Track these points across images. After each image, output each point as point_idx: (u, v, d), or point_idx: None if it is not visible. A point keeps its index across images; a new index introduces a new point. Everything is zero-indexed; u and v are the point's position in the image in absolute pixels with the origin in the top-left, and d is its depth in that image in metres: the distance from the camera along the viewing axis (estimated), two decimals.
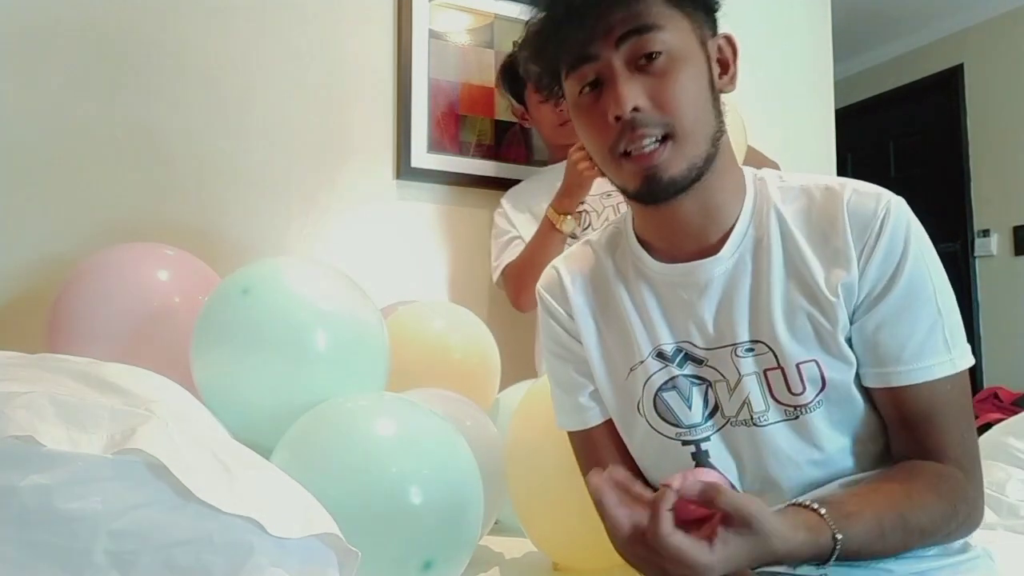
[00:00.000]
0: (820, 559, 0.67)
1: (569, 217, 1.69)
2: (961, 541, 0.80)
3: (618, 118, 0.74)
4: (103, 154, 1.64)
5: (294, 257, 1.62)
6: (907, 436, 0.77)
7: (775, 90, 2.16)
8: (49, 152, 1.60)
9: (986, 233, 3.69)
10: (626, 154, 0.76)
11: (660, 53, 0.74)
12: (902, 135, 4.16)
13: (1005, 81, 3.64)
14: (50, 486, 0.59)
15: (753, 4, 2.23)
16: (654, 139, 0.74)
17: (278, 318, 1.11)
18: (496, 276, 1.80)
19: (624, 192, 0.82)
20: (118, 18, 1.66)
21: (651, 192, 0.77)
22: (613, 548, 0.71)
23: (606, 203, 1.72)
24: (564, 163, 1.79)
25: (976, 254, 3.69)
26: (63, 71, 1.61)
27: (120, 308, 1.31)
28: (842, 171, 2.62)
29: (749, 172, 0.85)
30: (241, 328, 1.12)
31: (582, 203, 1.73)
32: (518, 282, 1.74)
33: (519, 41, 1.77)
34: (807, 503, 0.68)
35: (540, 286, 0.95)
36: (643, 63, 0.75)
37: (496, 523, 1.27)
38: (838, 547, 0.66)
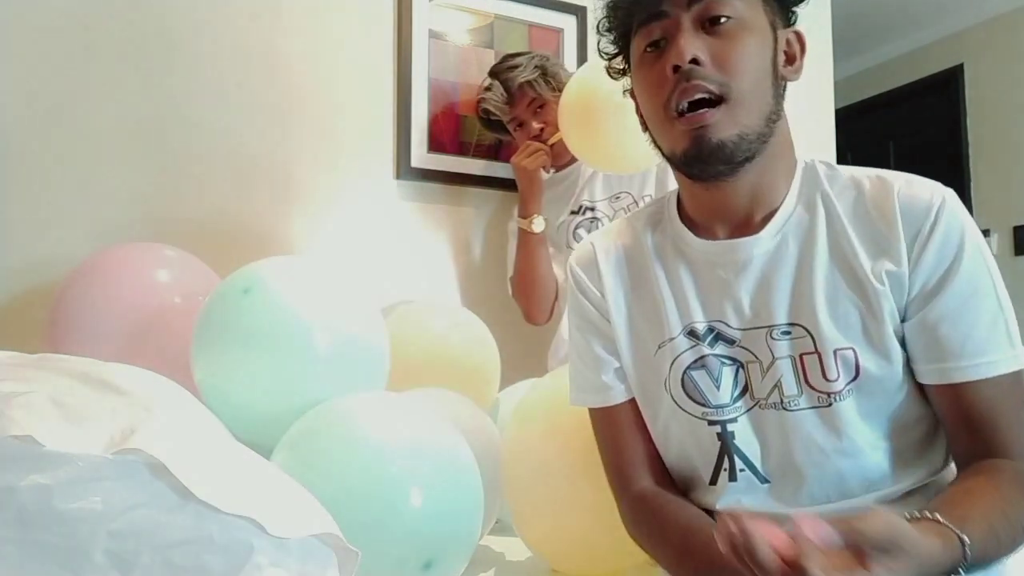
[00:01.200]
0: (953, 567, 0.64)
1: (537, 217, 1.73)
2: None
3: (676, 68, 0.75)
4: (103, 155, 1.64)
5: (294, 257, 1.62)
6: (970, 434, 0.75)
7: None
8: (49, 152, 1.60)
9: (986, 233, 3.67)
10: (679, 115, 0.76)
11: (729, 18, 0.75)
12: (902, 135, 4.15)
13: (1005, 81, 3.64)
14: (50, 486, 0.59)
15: None
16: (707, 95, 0.74)
17: (278, 318, 1.11)
18: (511, 290, 1.84)
19: (672, 158, 0.81)
20: (122, 19, 1.66)
21: (698, 153, 0.76)
22: (608, 556, 0.70)
23: (616, 206, 1.73)
24: (566, 170, 1.82)
25: None
26: (67, 70, 1.61)
27: (120, 308, 1.31)
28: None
29: (800, 158, 0.85)
30: (241, 328, 1.11)
31: (591, 209, 1.74)
32: (518, 294, 1.79)
33: (486, 84, 1.76)
34: (918, 514, 0.65)
35: (572, 260, 0.94)
36: (710, 25, 0.76)
37: (496, 523, 1.27)
38: (967, 551, 0.64)
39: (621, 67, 0.88)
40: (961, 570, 0.64)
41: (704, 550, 0.78)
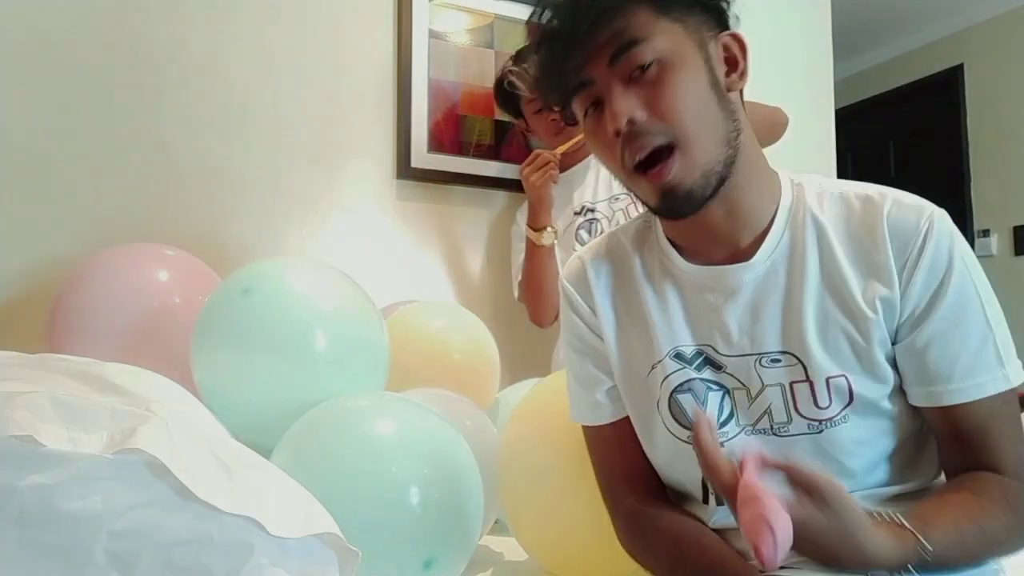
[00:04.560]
0: (904, 565, 0.65)
1: (547, 230, 1.72)
2: None
3: (617, 133, 0.74)
4: (104, 155, 1.64)
5: (294, 257, 1.63)
6: (961, 451, 0.75)
7: (775, 90, 2.17)
8: (50, 152, 1.60)
9: (986, 233, 3.68)
10: (641, 170, 0.75)
11: (651, 64, 0.74)
12: (902, 135, 4.16)
13: (1005, 81, 3.64)
14: (50, 486, 0.59)
15: (753, 4, 2.23)
16: (657, 147, 0.73)
17: (278, 318, 1.11)
18: (516, 293, 1.83)
19: (649, 207, 0.81)
20: (120, 21, 1.66)
21: (671, 209, 0.77)
22: (604, 559, 0.70)
23: (615, 207, 1.73)
24: (571, 169, 1.81)
25: (976, 254, 3.67)
26: (65, 73, 1.61)
27: (120, 308, 1.31)
28: (842, 171, 2.62)
29: (785, 176, 0.84)
30: (241, 328, 1.12)
31: (591, 211, 1.74)
32: (527, 300, 1.79)
33: (510, 62, 1.80)
34: (881, 514, 0.67)
35: (564, 277, 0.93)
36: (637, 75, 0.74)
37: (496, 523, 1.27)
38: (925, 548, 0.65)
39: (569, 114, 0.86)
40: (911, 568, 0.65)
41: (698, 559, 0.78)
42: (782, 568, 0.79)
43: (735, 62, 0.80)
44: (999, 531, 0.71)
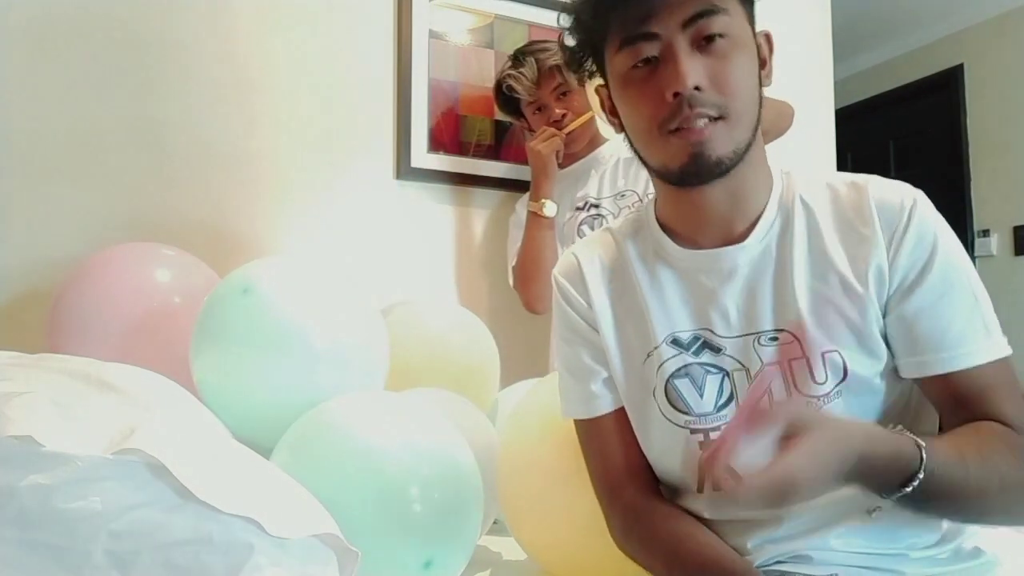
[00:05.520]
0: (906, 472, 0.65)
1: (548, 201, 1.72)
2: (973, 545, 0.79)
3: (676, 95, 0.74)
4: (103, 154, 1.64)
5: (294, 257, 1.62)
6: (962, 413, 0.75)
7: (775, 90, 2.18)
8: (49, 152, 1.60)
9: (986, 233, 3.68)
10: (674, 130, 0.76)
11: (723, 36, 0.75)
12: (902, 135, 4.15)
13: (1005, 81, 3.64)
14: (50, 486, 0.59)
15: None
16: (707, 119, 0.75)
17: (277, 318, 1.11)
18: (511, 280, 1.82)
19: (664, 171, 0.80)
20: (120, 17, 1.66)
21: (697, 170, 0.77)
22: (602, 561, 0.70)
23: (620, 204, 1.72)
24: (572, 166, 1.81)
25: (976, 254, 3.68)
26: (65, 70, 1.61)
27: (120, 308, 1.31)
28: (842, 171, 2.61)
29: (776, 166, 0.86)
30: (241, 328, 1.12)
31: (595, 206, 1.73)
32: (520, 279, 1.77)
33: (508, 64, 1.79)
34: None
35: (557, 272, 0.94)
36: (704, 44, 0.75)
37: (495, 523, 1.27)
38: (924, 455, 0.65)
39: (587, 68, 0.87)
40: (920, 479, 0.65)
41: (694, 557, 0.78)
42: (779, 563, 0.79)
43: (764, 61, 0.82)
44: (1003, 467, 0.70)
